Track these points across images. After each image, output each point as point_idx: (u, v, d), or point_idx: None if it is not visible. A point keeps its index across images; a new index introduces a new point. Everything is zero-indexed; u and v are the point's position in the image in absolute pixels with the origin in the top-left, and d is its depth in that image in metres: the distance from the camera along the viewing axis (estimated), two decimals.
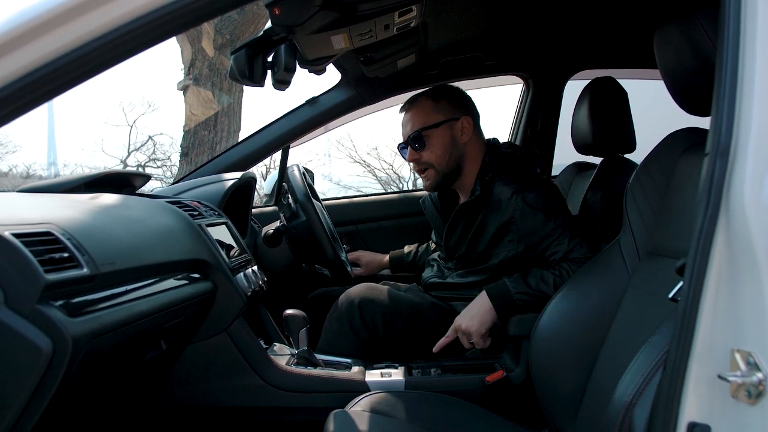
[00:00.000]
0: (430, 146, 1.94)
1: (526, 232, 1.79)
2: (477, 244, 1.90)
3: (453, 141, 1.94)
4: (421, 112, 1.97)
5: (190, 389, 1.62)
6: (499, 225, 1.82)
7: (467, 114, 1.97)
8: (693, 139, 1.31)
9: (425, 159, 1.96)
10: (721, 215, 0.77)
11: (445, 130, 1.94)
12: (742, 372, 0.74)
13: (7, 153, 13.17)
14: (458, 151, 1.95)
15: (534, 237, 1.79)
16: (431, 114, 1.95)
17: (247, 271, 1.72)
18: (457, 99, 2.00)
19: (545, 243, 1.78)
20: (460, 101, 2.00)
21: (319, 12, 1.33)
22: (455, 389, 1.66)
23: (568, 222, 1.80)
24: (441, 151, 1.94)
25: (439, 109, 1.95)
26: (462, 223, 1.94)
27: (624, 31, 2.33)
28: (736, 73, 0.81)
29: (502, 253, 1.84)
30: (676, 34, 1.16)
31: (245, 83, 1.49)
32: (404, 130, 2.01)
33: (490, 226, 1.85)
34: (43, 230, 1.00)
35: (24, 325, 0.89)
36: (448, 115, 1.95)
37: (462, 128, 1.95)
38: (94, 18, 0.90)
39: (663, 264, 1.28)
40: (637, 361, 0.94)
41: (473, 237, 1.89)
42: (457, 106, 1.97)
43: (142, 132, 13.75)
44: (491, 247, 1.87)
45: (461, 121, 1.95)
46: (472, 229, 1.89)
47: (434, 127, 1.94)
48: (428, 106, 1.97)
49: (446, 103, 1.96)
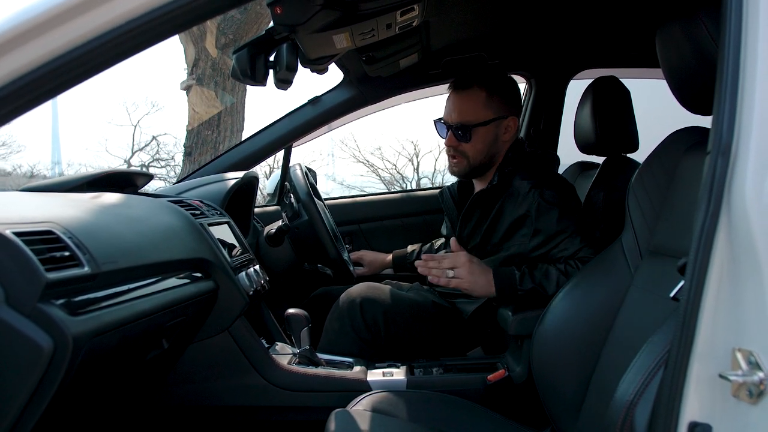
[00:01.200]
0: (473, 141, 1.90)
1: (539, 228, 1.78)
2: (492, 235, 1.88)
3: (495, 139, 1.91)
4: (472, 104, 1.90)
5: (192, 388, 1.62)
6: (515, 218, 1.81)
7: (515, 114, 1.94)
8: (695, 138, 1.31)
9: (463, 149, 1.92)
10: (723, 214, 0.77)
11: (492, 128, 1.90)
12: (744, 371, 0.74)
13: (11, 153, 13.23)
14: (496, 149, 1.93)
15: (546, 234, 1.77)
16: (482, 109, 1.89)
17: (249, 271, 1.72)
18: (510, 96, 1.95)
19: (556, 240, 1.76)
20: (512, 99, 1.95)
21: (320, 11, 1.33)
22: (457, 389, 1.65)
23: (582, 223, 1.79)
24: (481, 147, 1.90)
25: (491, 105, 1.89)
26: (478, 213, 1.92)
27: (626, 30, 2.32)
28: (737, 71, 0.80)
29: (513, 247, 1.83)
30: (679, 32, 1.15)
31: (248, 82, 1.49)
32: (449, 110, 1.94)
33: (506, 217, 1.84)
34: (44, 229, 1.00)
35: (25, 323, 0.89)
36: (498, 113, 1.90)
37: (507, 127, 1.92)
38: (95, 16, 0.90)
39: (665, 263, 1.27)
40: (638, 360, 0.94)
41: (488, 227, 1.88)
42: (507, 105, 1.92)
43: (146, 132, 13.80)
44: (504, 240, 1.85)
45: (508, 120, 1.91)
46: (488, 220, 1.87)
47: (483, 125, 1.89)
48: (481, 99, 1.89)
49: (498, 99, 1.90)
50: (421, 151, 12.13)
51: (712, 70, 0.88)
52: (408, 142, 13.38)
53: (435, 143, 11.51)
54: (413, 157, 12.13)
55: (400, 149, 13.47)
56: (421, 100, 2.90)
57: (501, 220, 1.85)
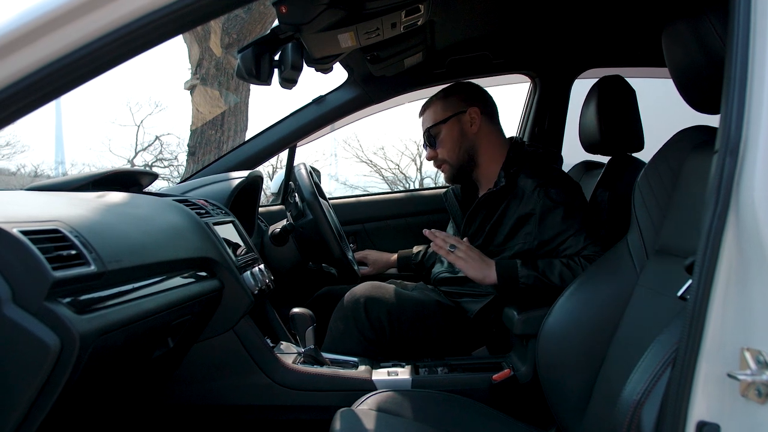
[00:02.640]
0: (441, 142, 1.99)
1: (544, 226, 1.79)
2: (495, 236, 1.89)
3: (462, 133, 1.97)
4: (431, 113, 2.02)
5: (197, 387, 1.62)
6: (519, 216, 1.82)
7: (475, 104, 1.98)
8: (702, 137, 1.31)
9: (440, 156, 2.02)
10: (731, 212, 0.77)
11: (453, 124, 1.97)
12: (752, 370, 0.73)
13: (15, 153, 13.24)
14: (468, 142, 1.98)
15: (551, 231, 1.78)
16: (440, 112, 2.00)
17: (254, 270, 1.72)
18: (466, 92, 2.02)
19: (560, 238, 1.77)
20: (468, 94, 2.02)
21: (325, 10, 1.33)
22: (462, 388, 1.65)
23: (587, 221, 1.79)
24: (451, 145, 1.98)
25: (448, 106, 1.99)
26: (482, 213, 1.94)
27: (632, 29, 2.32)
28: (745, 69, 0.80)
29: (517, 245, 1.83)
30: (686, 31, 1.15)
31: (252, 82, 1.49)
32: (422, 128, 2.07)
33: (510, 217, 1.85)
34: (50, 228, 1.00)
35: (32, 321, 0.89)
36: (456, 109, 1.98)
37: (470, 119, 1.97)
38: (99, 16, 0.90)
39: (671, 262, 1.27)
40: (645, 359, 0.94)
41: (492, 228, 1.89)
42: (464, 99, 1.99)
43: (150, 132, 13.81)
44: (508, 239, 1.86)
45: (468, 113, 1.97)
46: (492, 220, 1.89)
47: (442, 123, 1.98)
48: (438, 106, 2.01)
49: (455, 98, 1.99)
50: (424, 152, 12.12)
51: (719, 69, 0.88)
52: (411, 142, 13.37)
53: None
54: (416, 157, 12.12)
55: (403, 149, 13.48)
56: (425, 99, 2.90)
57: (505, 219, 1.86)
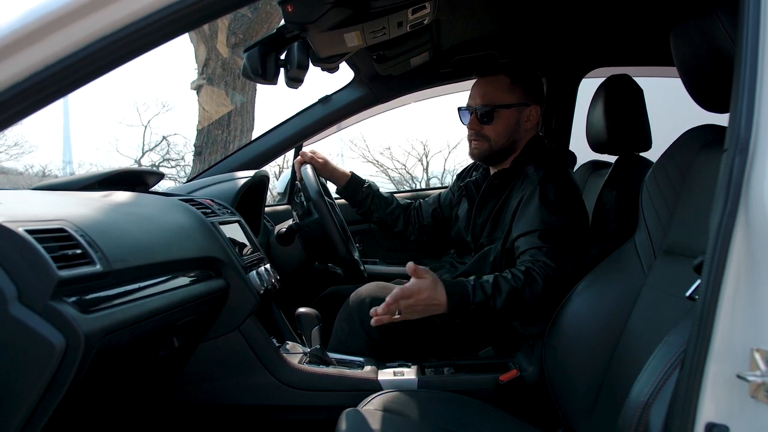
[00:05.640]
0: (495, 123, 1.95)
1: (521, 216, 1.79)
2: (500, 219, 1.90)
3: (517, 125, 1.96)
4: (496, 88, 1.96)
5: (202, 387, 1.62)
6: (520, 199, 1.83)
7: (538, 104, 1.99)
8: (710, 136, 1.30)
9: (485, 132, 1.97)
10: (740, 212, 0.76)
11: (514, 113, 1.95)
12: (762, 371, 0.73)
13: (23, 153, 13.35)
14: (517, 136, 1.97)
15: (523, 222, 1.78)
16: (505, 94, 1.95)
17: (260, 269, 1.72)
18: (533, 87, 2.00)
19: (523, 230, 1.76)
20: (535, 90, 2.00)
21: (332, 9, 1.33)
22: (468, 388, 1.65)
23: (566, 232, 1.74)
24: (503, 130, 1.95)
25: (514, 92, 1.96)
26: (492, 201, 1.96)
27: (639, 28, 2.30)
28: (755, 68, 0.79)
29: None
30: (694, 30, 1.14)
31: (258, 81, 1.49)
32: (473, 95, 2.00)
33: (513, 200, 1.87)
34: (56, 227, 1.00)
35: (37, 320, 0.89)
36: (521, 99, 1.96)
37: (529, 115, 1.97)
38: (105, 15, 0.90)
39: (679, 262, 1.26)
40: (653, 360, 0.93)
41: (498, 211, 1.91)
42: (531, 94, 1.98)
43: (156, 132, 13.92)
44: (512, 222, 1.86)
45: (531, 109, 1.96)
46: (498, 204, 1.91)
47: (505, 107, 1.95)
48: (505, 84, 1.96)
49: (521, 87, 1.96)
50: (430, 151, 12.13)
51: (728, 68, 0.87)
52: (417, 142, 13.40)
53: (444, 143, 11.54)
54: (422, 156, 12.14)
55: (410, 149, 13.49)
56: (431, 99, 2.90)
57: (508, 204, 1.89)
